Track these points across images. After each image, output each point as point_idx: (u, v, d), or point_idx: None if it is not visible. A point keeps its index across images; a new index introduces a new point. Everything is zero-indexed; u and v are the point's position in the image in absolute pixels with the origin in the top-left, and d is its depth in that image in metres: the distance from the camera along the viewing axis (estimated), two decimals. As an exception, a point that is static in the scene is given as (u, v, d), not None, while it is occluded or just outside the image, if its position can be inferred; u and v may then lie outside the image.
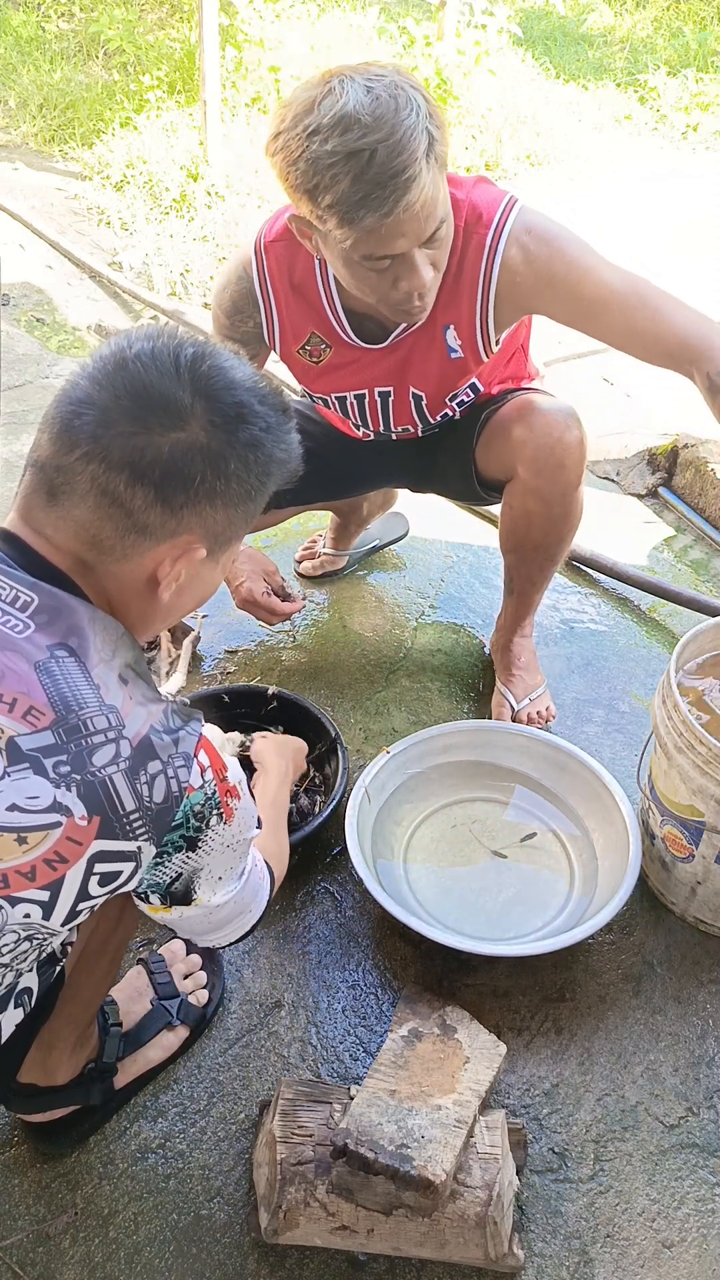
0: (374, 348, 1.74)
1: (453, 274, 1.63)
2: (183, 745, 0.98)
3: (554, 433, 1.72)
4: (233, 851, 1.07)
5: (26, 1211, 1.34)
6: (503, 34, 4.84)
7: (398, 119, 1.33)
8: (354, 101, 1.33)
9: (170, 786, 0.96)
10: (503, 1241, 1.27)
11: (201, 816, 1.00)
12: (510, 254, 1.59)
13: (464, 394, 1.81)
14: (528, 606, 2.03)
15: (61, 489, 0.97)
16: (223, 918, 1.14)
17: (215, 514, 1.02)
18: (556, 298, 1.62)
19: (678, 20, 6.58)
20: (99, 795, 0.92)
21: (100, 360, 1.00)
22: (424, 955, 1.64)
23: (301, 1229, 1.27)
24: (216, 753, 1.03)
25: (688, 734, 1.52)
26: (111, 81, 5.33)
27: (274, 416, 1.04)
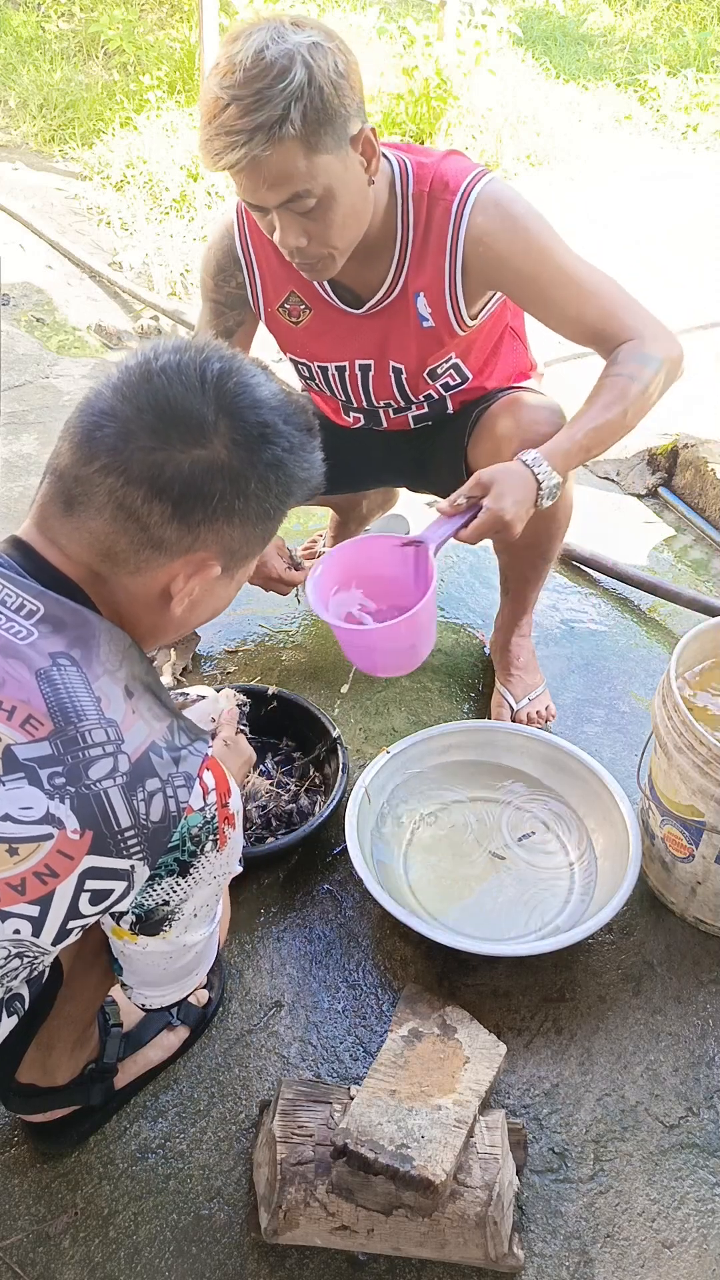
0: (352, 312, 1.74)
1: (420, 240, 1.64)
2: (185, 764, 0.96)
3: (538, 429, 1.73)
4: (216, 884, 1.04)
5: (26, 1211, 1.34)
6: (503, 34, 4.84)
7: (264, 83, 1.36)
8: (243, 53, 1.36)
9: (169, 806, 0.94)
10: (503, 1241, 1.27)
11: (198, 840, 0.98)
12: (476, 221, 1.60)
13: (447, 375, 1.81)
14: (524, 606, 2.03)
15: (79, 500, 0.96)
16: (178, 970, 1.12)
17: (232, 532, 1.00)
18: (515, 273, 1.63)
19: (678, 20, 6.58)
20: (93, 809, 0.90)
21: (126, 371, 0.98)
22: (424, 955, 1.64)
23: (301, 1229, 1.27)
24: (224, 776, 1.01)
25: (688, 734, 1.52)
26: (111, 81, 5.33)
27: (298, 436, 1.03)
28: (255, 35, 1.38)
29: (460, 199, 1.59)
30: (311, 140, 1.41)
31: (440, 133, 4.59)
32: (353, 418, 1.94)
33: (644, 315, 1.63)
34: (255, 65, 1.36)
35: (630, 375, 1.58)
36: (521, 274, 1.62)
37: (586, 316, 1.62)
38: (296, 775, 1.86)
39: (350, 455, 2.02)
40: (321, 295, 1.74)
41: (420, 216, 1.62)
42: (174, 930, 1.04)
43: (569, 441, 1.59)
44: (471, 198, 1.59)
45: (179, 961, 1.09)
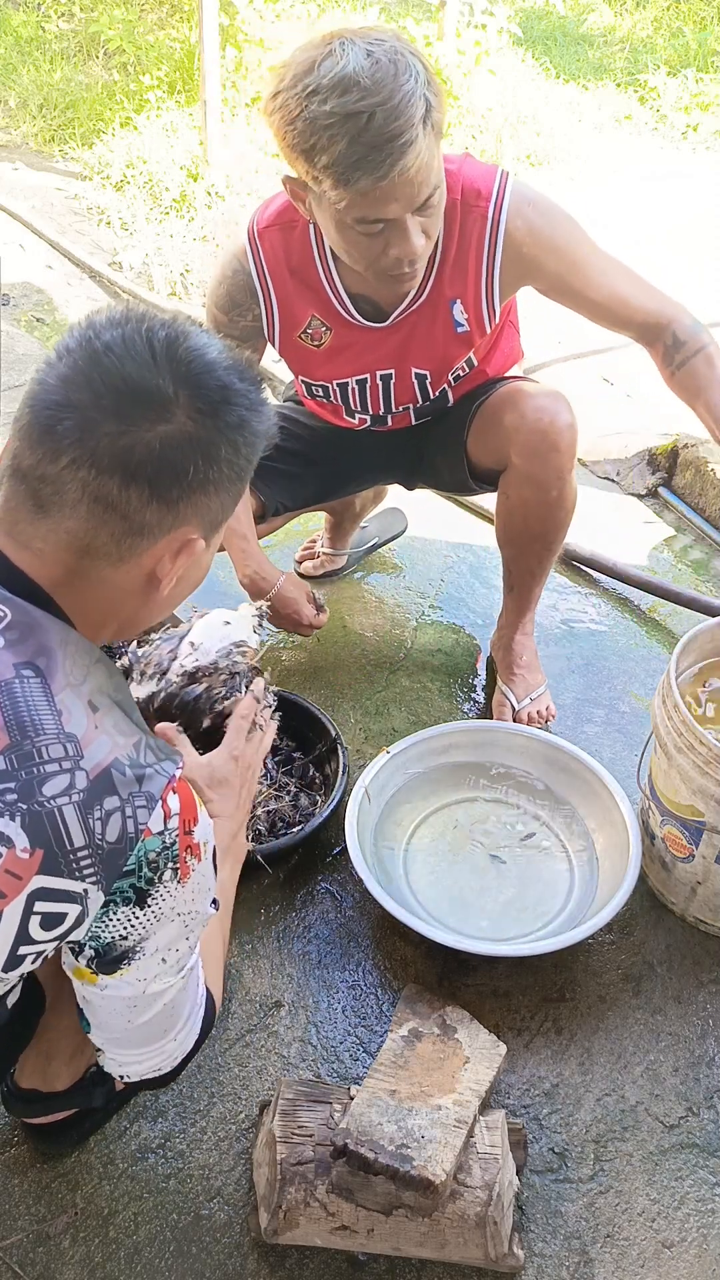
0: (376, 326, 1.74)
1: (455, 248, 1.65)
2: (148, 784, 0.90)
3: (545, 416, 1.74)
4: (183, 924, 0.97)
5: (26, 1211, 1.34)
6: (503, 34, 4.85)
7: (396, 83, 1.34)
8: (354, 64, 1.34)
9: (126, 826, 0.89)
10: (503, 1241, 1.27)
11: (155, 867, 0.92)
12: (514, 225, 1.63)
13: (461, 368, 1.83)
14: (528, 602, 2.02)
15: (50, 499, 0.92)
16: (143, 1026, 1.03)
17: (210, 501, 0.97)
18: (555, 267, 1.69)
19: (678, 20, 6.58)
20: (45, 827, 0.86)
21: (69, 355, 0.93)
22: (424, 955, 1.64)
23: (301, 1229, 1.27)
24: (193, 800, 0.95)
25: (688, 734, 1.52)
26: (111, 81, 5.33)
27: (254, 392, 0.99)
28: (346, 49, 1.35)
29: (495, 206, 1.62)
30: (441, 128, 1.42)
31: (440, 133, 4.60)
32: (358, 420, 1.93)
33: (660, 293, 1.75)
34: (375, 69, 1.34)
35: (706, 343, 1.71)
36: (560, 270, 1.69)
37: (621, 298, 1.72)
38: (296, 775, 1.86)
39: (349, 460, 2.02)
40: (341, 314, 1.74)
41: (454, 224, 1.63)
42: (134, 969, 0.96)
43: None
44: (505, 203, 1.62)
45: (144, 1014, 1.01)
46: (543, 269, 1.69)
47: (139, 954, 0.96)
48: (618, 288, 1.72)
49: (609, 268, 1.72)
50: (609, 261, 1.73)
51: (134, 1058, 1.08)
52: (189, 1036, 1.10)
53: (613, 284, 1.72)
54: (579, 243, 1.70)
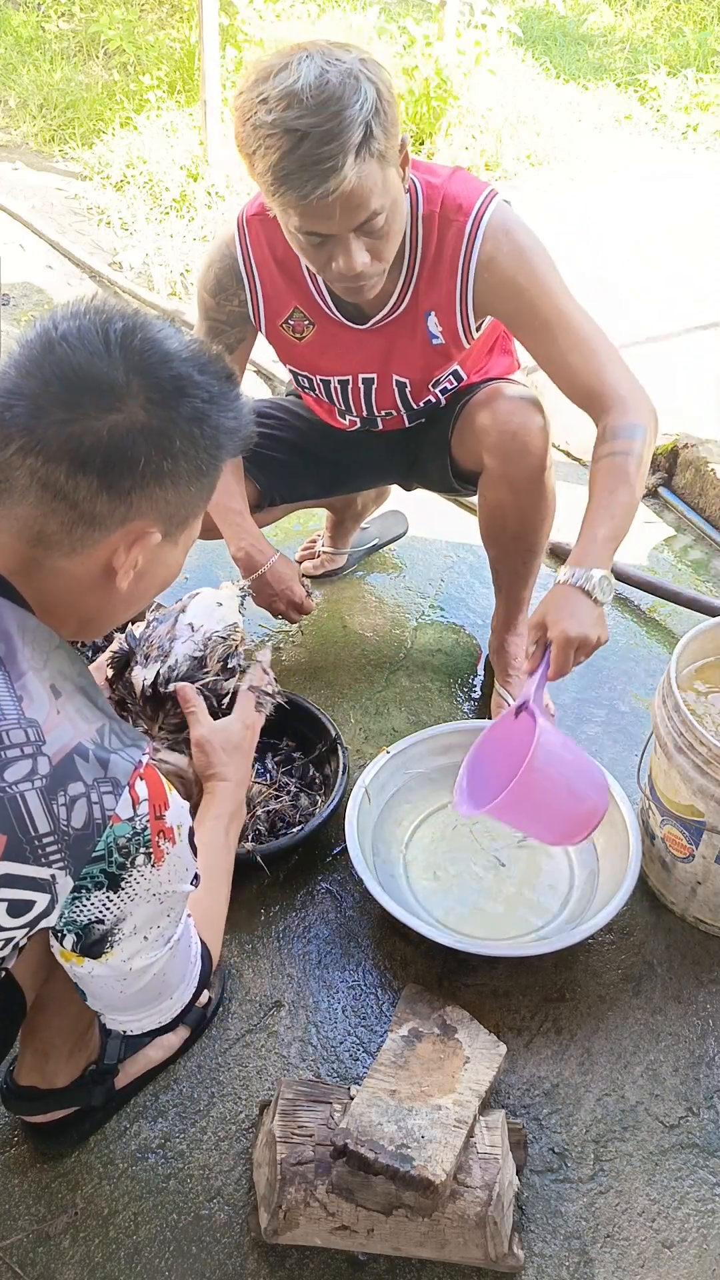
0: (356, 327, 1.74)
1: (431, 259, 1.65)
2: (114, 769, 0.90)
3: (515, 419, 1.74)
4: (159, 904, 0.98)
5: (26, 1211, 1.34)
6: (503, 34, 4.83)
7: (339, 107, 1.34)
8: (303, 80, 1.34)
9: (92, 812, 0.89)
10: (503, 1241, 1.27)
11: (126, 852, 0.92)
12: (486, 248, 1.62)
13: (447, 380, 1.83)
14: (517, 603, 2.03)
15: (1, 487, 0.92)
16: (137, 993, 1.04)
17: (166, 494, 0.95)
18: (514, 306, 1.66)
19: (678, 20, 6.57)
20: (7, 813, 0.86)
21: (27, 346, 0.93)
22: (424, 955, 1.64)
23: (301, 1229, 1.27)
24: (161, 786, 0.95)
25: (688, 734, 1.52)
26: (111, 81, 5.33)
27: (217, 385, 0.97)
28: (305, 63, 1.35)
29: (473, 222, 1.60)
30: (387, 155, 1.41)
31: (440, 133, 4.58)
32: (349, 421, 1.94)
33: (624, 374, 1.64)
34: (323, 90, 1.34)
35: (625, 452, 1.59)
36: (522, 308, 1.65)
37: (571, 364, 1.64)
38: (296, 775, 1.86)
39: (346, 457, 2.03)
40: (325, 311, 1.74)
41: (431, 236, 1.63)
42: (117, 952, 0.97)
43: (591, 541, 1.57)
44: (484, 223, 1.61)
45: (135, 985, 1.03)
46: (501, 301, 1.67)
47: (118, 935, 0.96)
48: (567, 352, 1.63)
49: (568, 325, 1.63)
50: (571, 318, 1.64)
51: (133, 1018, 1.09)
52: (186, 992, 1.11)
53: (564, 345, 1.63)
54: (543, 288, 1.63)
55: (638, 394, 1.62)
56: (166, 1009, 1.10)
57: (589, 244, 3.97)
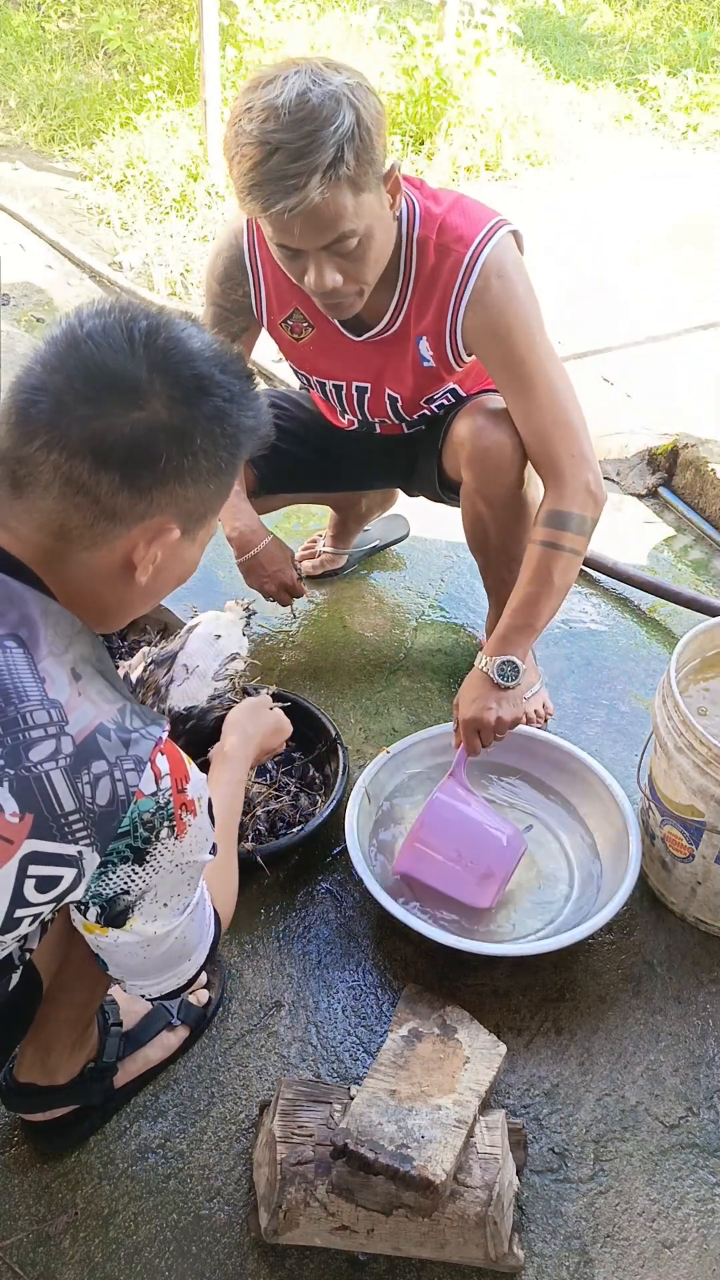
0: (353, 338, 1.75)
1: (424, 284, 1.65)
2: (135, 748, 0.92)
3: (490, 435, 1.73)
4: (181, 874, 1.00)
5: (26, 1211, 1.34)
6: (503, 34, 4.82)
7: (313, 126, 1.35)
8: (285, 96, 1.35)
9: (116, 789, 0.91)
10: (503, 1241, 1.27)
11: (151, 826, 0.94)
12: (478, 286, 1.62)
13: (444, 398, 1.84)
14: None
15: (25, 480, 0.93)
16: (160, 958, 1.07)
17: (186, 492, 0.97)
18: (495, 352, 1.67)
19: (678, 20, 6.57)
20: (33, 792, 0.88)
21: (52, 343, 0.95)
22: (424, 955, 1.64)
23: (301, 1229, 1.27)
24: (181, 760, 0.98)
25: (688, 734, 1.52)
26: (111, 81, 5.32)
27: (238, 384, 0.99)
28: (292, 79, 1.36)
29: (471, 257, 1.60)
30: (360, 181, 1.41)
31: (440, 133, 4.58)
32: (348, 421, 1.94)
33: (578, 453, 1.65)
34: (301, 108, 1.35)
35: (552, 542, 1.65)
36: (502, 355, 1.65)
37: (534, 423, 1.67)
38: (296, 775, 1.86)
39: (346, 455, 2.03)
40: (323, 314, 1.74)
41: (426, 262, 1.63)
42: (139, 919, 1.00)
43: (504, 627, 1.69)
44: (481, 258, 1.60)
45: (158, 949, 1.06)
46: (482, 342, 1.67)
47: (142, 904, 0.99)
48: (534, 414, 1.66)
49: (542, 386, 1.65)
50: (548, 380, 1.65)
51: (153, 982, 1.11)
52: (202, 953, 1.14)
53: (533, 405, 1.65)
54: (526, 341, 1.63)
55: (581, 477, 1.65)
56: (185, 970, 1.13)
57: (589, 244, 3.97)
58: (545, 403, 1.65)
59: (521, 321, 1.64)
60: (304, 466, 2.04)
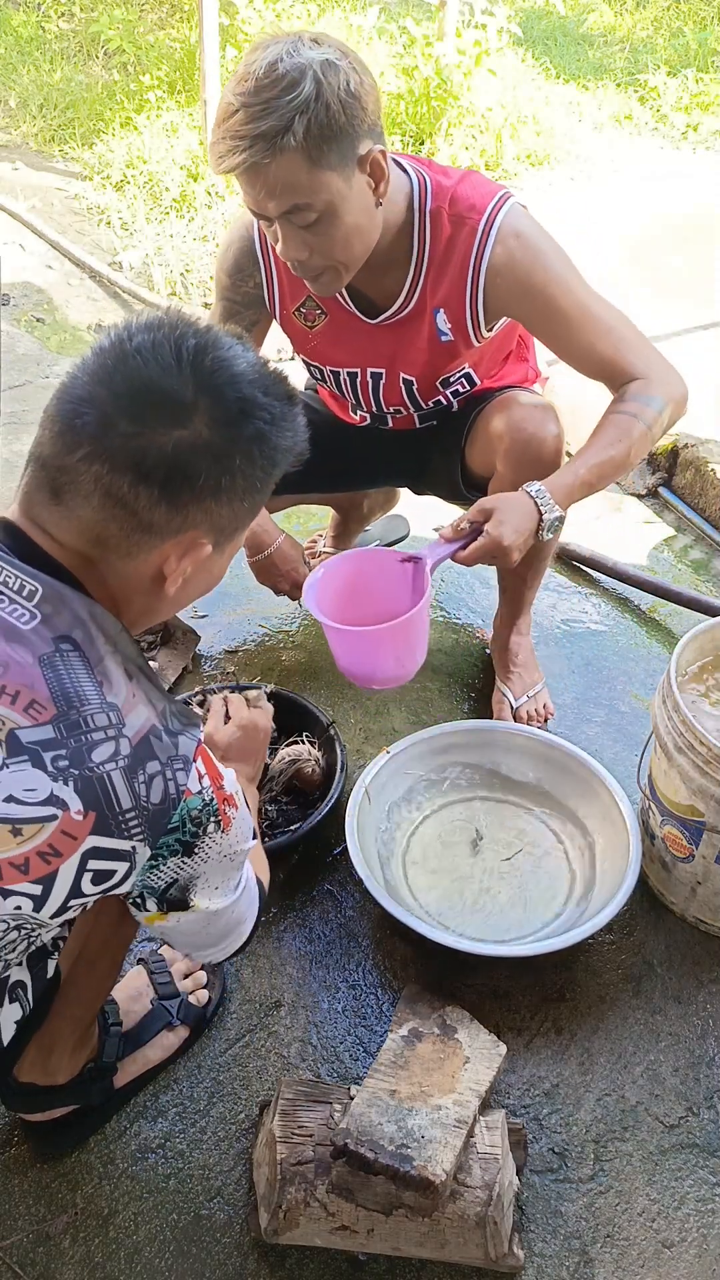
0: (367, 321, 1.75)
1: (440, 256, 1.65)
2: (183, 748, 0.97)
3: (529, 427, 1.73)
4: (230, 862, 1.06)
5: (26, 1211, 1.34)
6: (503, 34, 4.82)
7: (272, 94, 1.38)
8: (260, 65, 1.39)
9: (168, 788, 0.96)
10: (503, 1241, 1.27)
11: (199, 822, 1.00)
12: (496, 252, 1.62)
13: (459, 382, 1.82)
14: (520, 605, 2.03)
15: (65, 488, 0.96)
16: (219, 929, 1.14)
17: (221, 509, 1.00)
18: (532, 306, 1.66)
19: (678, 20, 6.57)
20: (96, 791, 0.92)
21: (100, 354, 0.97)
22: (424, 955, 1.64)
23: (301, 1229, 1.27)
24: (212, 761, 1.03)
25: (688, 734, 1.52)
26: (111, 81, 5.32)
27: (279, 407, 1.01)
28: (273, 47, 1.40)
29: (485, 223, 1.60)
30: (314, 155, 1.42)
31: (440, 133, 4.58)
32: (360, 416, 1.94)
33: (652, 354, 1.66)
34: (268, 76, 1.38)
35: (634, 414, 1.61)
36: (540, 307, 1.65)
37: (599, 352, 1.65)
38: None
39: (355, 454, 2.03)
40: (339, 302, 1.74)
41: (440, 234, 1.63)
42: (199, 903, 1.06)
43: (572, 476, 1.61)
44: (496, 225, 1.60)
45: (217, 924, 1.12)
46: (522, 302, 1.67)
47: (195, 891, 1.05)
48: (594, 342, 1.64)
49: (590, 316, 1.64)
50: (593, 309, 1.65)
51: (218, 949, 1.18)
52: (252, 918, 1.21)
53: (589, 336, 1.64)
54: (561, 285, 1.63)
55: (665, 372, 1.65)
56: (241, 933, 1.19)
57: (589, 244, 3.96)
58: (605, 326, 1.64)
59: (552, 268, 1.63)
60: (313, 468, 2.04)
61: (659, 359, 1.67)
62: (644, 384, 1.63)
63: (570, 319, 1.64)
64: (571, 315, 1.64)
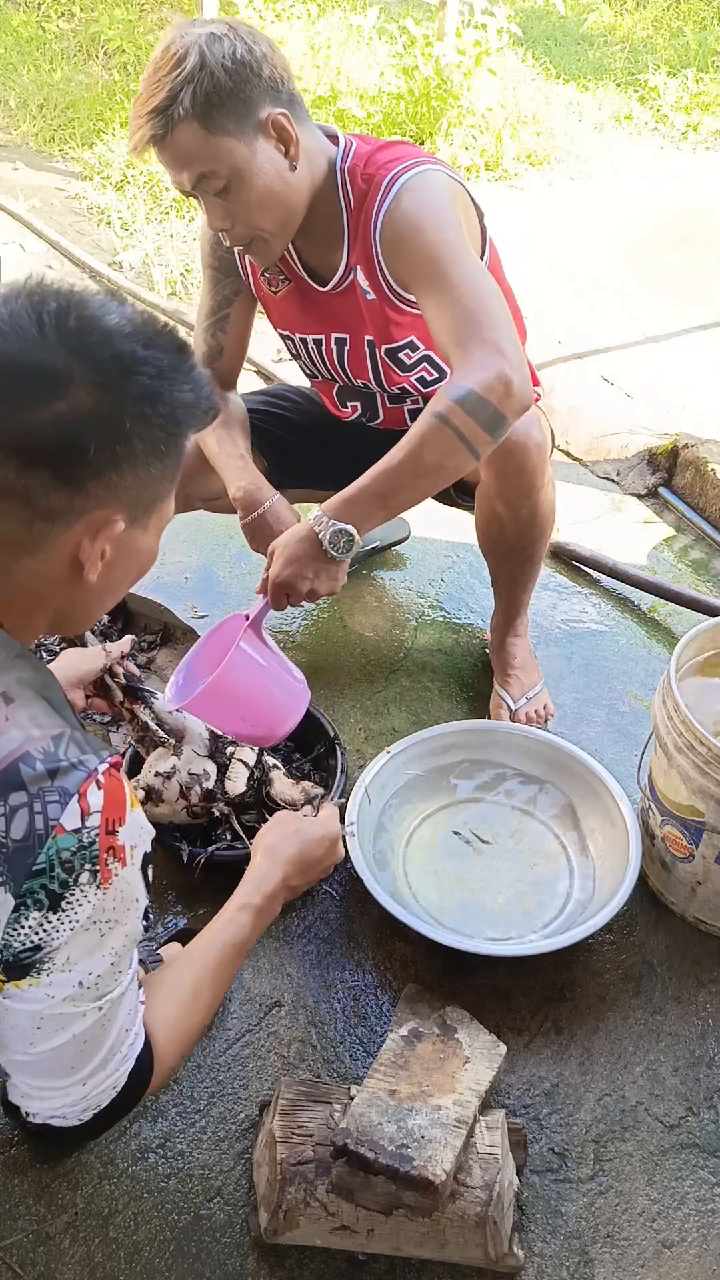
0: (320, 289, 1.78)
1: (355, 215, 1.66)
2: (63, 778, 0.84)
3: (512, 436, 1.72)
4: (99, 936, 0.89)
5: (26, 1211, 1.34)
6: (503, 34, 4.82)
7: (163, 74, 1.48)
8: (158, 50, 1.50)
9: (34, 822, 0.83)
10: (503, 1241, 1.27)
11: (70, 868, 0.85)
12: (390, 206, 1.61)
13: (422, 370, 1.81)
14: (516, 607, 2.03)
15: None
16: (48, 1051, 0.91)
17: (125, 480, 0.91)
18: (403, 262, 1.60)
19: (678, 20, 6.57)
20: None
21: None
22: (424, 955, 1.64)
23: (301, 1229, 1.27)
24: (121, 799, 0.88)
25: (688, 734, 1.52)
26: (111, 81, 5.32)
27: (167, 358, 0.92)
28: (169, 35, 1.50)
29: (390, 180, 1.60)
30: (206, 122, 1.49)
31: (440, 133, 4.58)
32: (350, 407, 1.94)
33: (488, 339, 1.44)
34: (162, 58, 1.48)
35: (434, 410, 1.44)
36: (407, 261, 1.59)
37: (442, 324, 1.50)
38: (296, 776, 1.86)
39: (352, 451, 2.02)
40: (294, 268, 1.78)
41: (357, 191, 1.65)
42: (42, 981, 0.87)
43: (356, 488, 1.50)
44: (400, 181, 1.60)
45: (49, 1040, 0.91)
46: (397, 258, 1.61)
47: (49, 964, 0.87)
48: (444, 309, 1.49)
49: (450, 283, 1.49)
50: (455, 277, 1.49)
51: (36, 1088, 0.97)
52: (103, 1085, 0.98)
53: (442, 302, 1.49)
54: (433, 244, 1.52)
55: (490, 354, 1.43)
56: (75, 1096, 0.96)
57: (589, 244, 3.97)
58: (456, 295, 1.48)
59: (431, 221, 1.54)
60: (312, 461, 2.05)
61: (495, 343, 1.44)
62: (460, 373, 1.44)
63: (428, 279, 1.52)
64: (430, 275, 1.51)
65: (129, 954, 0.93)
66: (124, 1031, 0.97)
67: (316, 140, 1.63)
